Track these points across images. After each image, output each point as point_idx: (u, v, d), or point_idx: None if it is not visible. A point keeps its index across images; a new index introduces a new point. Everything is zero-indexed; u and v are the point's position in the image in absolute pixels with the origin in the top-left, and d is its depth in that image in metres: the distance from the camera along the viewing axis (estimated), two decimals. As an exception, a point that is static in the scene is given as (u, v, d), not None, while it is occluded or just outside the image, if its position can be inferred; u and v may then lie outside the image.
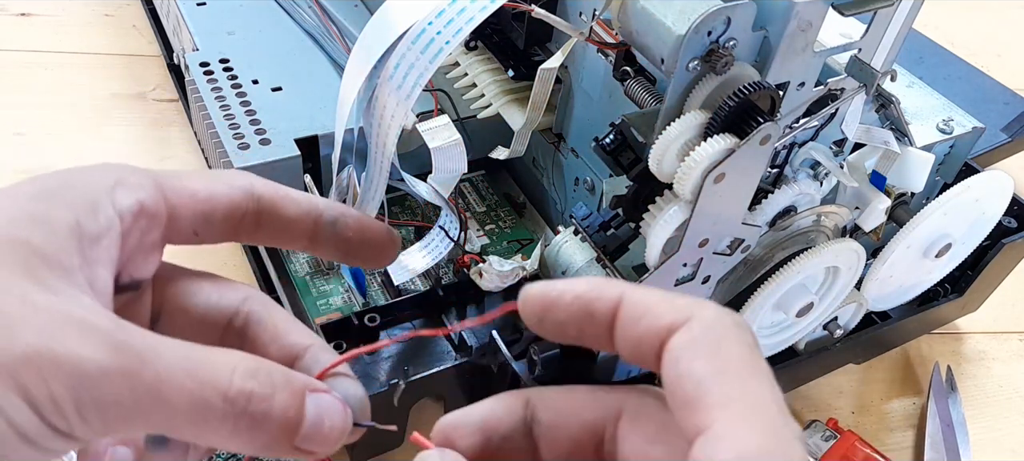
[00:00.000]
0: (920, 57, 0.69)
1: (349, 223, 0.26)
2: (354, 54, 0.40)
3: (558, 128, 0.46)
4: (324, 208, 0.25)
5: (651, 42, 0.32)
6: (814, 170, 0.39)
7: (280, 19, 0.57)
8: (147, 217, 0.22)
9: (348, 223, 0.26)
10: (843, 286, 0.43)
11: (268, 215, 0.25)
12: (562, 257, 0.41)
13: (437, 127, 0.42)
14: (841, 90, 0.36)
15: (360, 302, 0.45)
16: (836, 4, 0.32)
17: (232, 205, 0.24)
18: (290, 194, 0.25)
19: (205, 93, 0.48)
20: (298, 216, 0.25)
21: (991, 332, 0.58)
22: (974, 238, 0.47)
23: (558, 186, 0.48)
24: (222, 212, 0.24)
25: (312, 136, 0.46)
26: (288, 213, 0.25)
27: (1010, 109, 0.65)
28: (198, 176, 0.24)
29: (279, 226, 0.25)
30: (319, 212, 0.25)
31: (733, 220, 0.36)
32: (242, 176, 0.25)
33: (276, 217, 0.25)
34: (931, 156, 0.40)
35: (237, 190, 0.24)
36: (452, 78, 0.48)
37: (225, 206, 0.24)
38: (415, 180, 0.44)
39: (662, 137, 0.32)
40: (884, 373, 0.54)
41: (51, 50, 0.68)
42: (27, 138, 0.59)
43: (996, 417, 0.52)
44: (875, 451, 0.47)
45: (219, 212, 0.24)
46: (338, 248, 0.26)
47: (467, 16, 0.37)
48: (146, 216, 0.22)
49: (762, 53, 0.33)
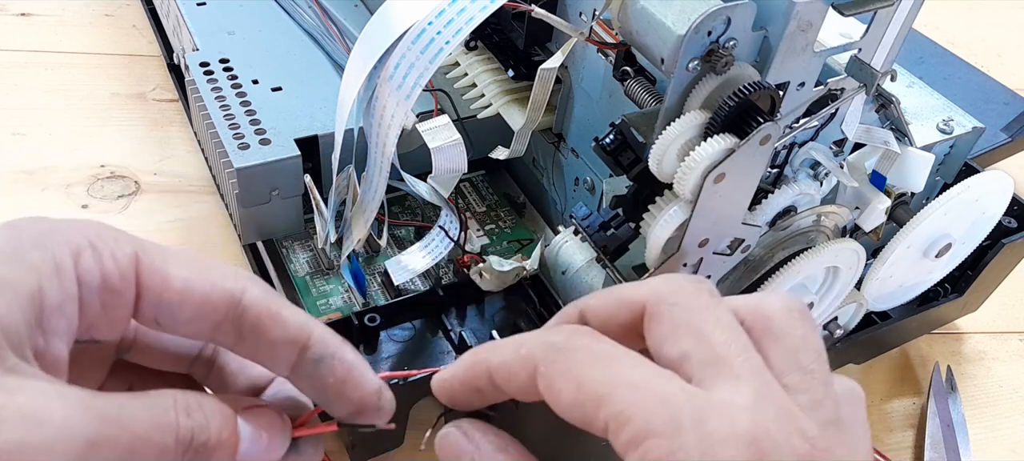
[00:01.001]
0: (920, 57, 0.69)
1: (334, 369, 0.23)
2: (354, 54, 0.40)
3: (558, 128, 0.46)
4: (315, 342, 0.22)
5: (651, 42, 0.32)
6: (814, 170, 0.39)
7: (280, 19, 0.57)
8: (111, 293, 0.21)
9: (334, 368, 0.23)
10: (843, 286, 0.43)
11: (250, 333, 0.22)
12: (562, 257, 0.41)
13: (437, 127, 0.42)
14: (841, 90, 0.36)
15: (360, 302, 0.45)
16: (836, 4, 0.32)
17: (206, 309, 0.21)
18: (281, 314, 0.22)
19: (205, 93, 0.48)
20: (283, 341, 0.22)
21: (991, 332, 0.58)
22: (974, 238, 0.47)
23: (558, 186, 0.48)
24: (190, 313, 0.21)
25: (312, 136, 0.46)
26: (272, 336, 0.22)
27: (1010, 109, 0.65)
28: (187, 261, 0.21)
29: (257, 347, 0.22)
30: (306, 345, 0.22)
31: (733, 220, 0.36)
32: (237, 278, 0.22)
33: (258, 337, 0.22)
34: (931, 156, 0.40)
35: (221, 296, 0.21)
36: (452, 78, 0.48)
37: (196, 307, 0.21)
38: (415, 180, 0.44)
39: (662, 137, 0.32)
40: (884, 373, 0.54)
41: (51, 50, 0.68)
42: (27, 138, 0.59)
43: (996, 417, 0.52)
44: (875, 451, 0.47)
45: (187, 312, 0.21)
46: (314, 390, 0.23)
47: (467, 16, 0.37)
48: (109, 292, 0.21)
49: (762, 53, 0.33)
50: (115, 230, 0.21)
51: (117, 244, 0.21)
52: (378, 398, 0.23)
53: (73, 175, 0.56)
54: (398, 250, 0.46)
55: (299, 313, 0.23)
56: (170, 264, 0.21)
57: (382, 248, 0.47)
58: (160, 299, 0.21)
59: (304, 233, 0.49)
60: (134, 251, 0.21)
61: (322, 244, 0.46)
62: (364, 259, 0.47)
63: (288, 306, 0.22)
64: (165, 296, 0.21)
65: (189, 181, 0.57)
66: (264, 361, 0.23)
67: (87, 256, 0.20)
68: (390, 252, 0.47)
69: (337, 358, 0.23)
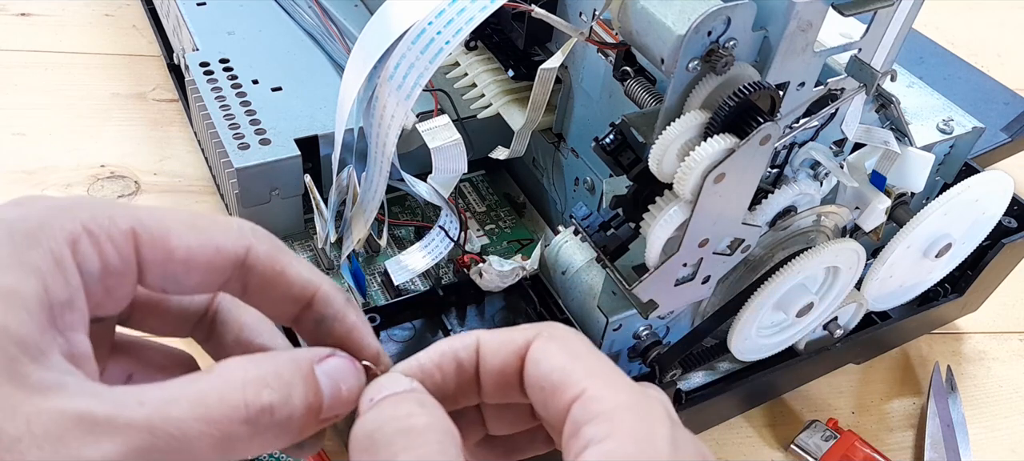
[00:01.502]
0: (920, 57, 0.69)
1: (334, 330, 0.23)
2: (354, 54, 0.41)
3: (558, 128, 0.46)
4: (318, 301, 0.23)
5: (651, 42, 0.32)
6: (814, 170, 0.39)
7: (280, 19, 0.57)
8: (113, 276, 0.20)
9: (333, 329, 0.23)
10: (843, 286, 0.43)
11: (255, 290, 0.22)
12: (562, 257, 0.41)
13: (437, 127, 0.42)
14: (841, 90, 0.36)
15: (360, 302, 0.45)
16: (836, 4, 0.32)
17: (211, 274, 0.21)
18: (286, 273, 0.22)
19: (205, 93, 0.48)
20: (286, 299, 0.22)
21: (991, 332, 0.58)
22: (974, 238, 0.47)
23: (558, 186, 0.48)
24: (196, 280, 0.21)
25: (312, 136, 0.46)
26: (276, 294, 0.22)
27: (1010, 109, 0.65)
28: (187, 226, 0.21)
29: (261, 301, 0.22)
30: (309, 302, 0.22)
31: (733, 220, 0.36)
32: (241, 234, 0.21)
33: (262, 293, 0.22)
34: (931, 156, 0.40)
35: (225, 259, 0.21)
36: (452, 78, 0.48)
37: (202, 274, 0.21)
38: (415, 180, 0.44)
39: (662, 137, 0.32)
40: (884, 373, 0.54)
41: (51, 50, 0.68)
42: (27, 138, 0.59)
43: (996, 417, 0.52)
44: (875, 451, 0.47)
45: (193, 279, 0.21)
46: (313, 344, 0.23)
47: (467, 16, 0.37)
48: (111, 275, 0.20)
49: (762, 53, 0.33)
50: (109, 205, 0.20)
51: (113, 223, 0.20)
52: (375, 363, 0.24)
53: (73, 175, 0.56)
54: (398, 250, 0.46)
55: (304, 269, 0.22)
56: (172, 233, 0.21)
57: (382, 248, 0.47)
58: (164, 270, 0.21)
59: (304, 233, 0.49)
60: (131, 227, 0.20)
61: (322, 244, 0.46)
62: (364, 259, 0.47)
63: (293, 263, 0.22)
64: (169, 267, 0.21)
65: (189, 181, 0.57)
66: (267, 312, 0.23)
67: (84, 244, 0.19)
68: (390, 252, 0.47)
69: (338, 319, 0.23)
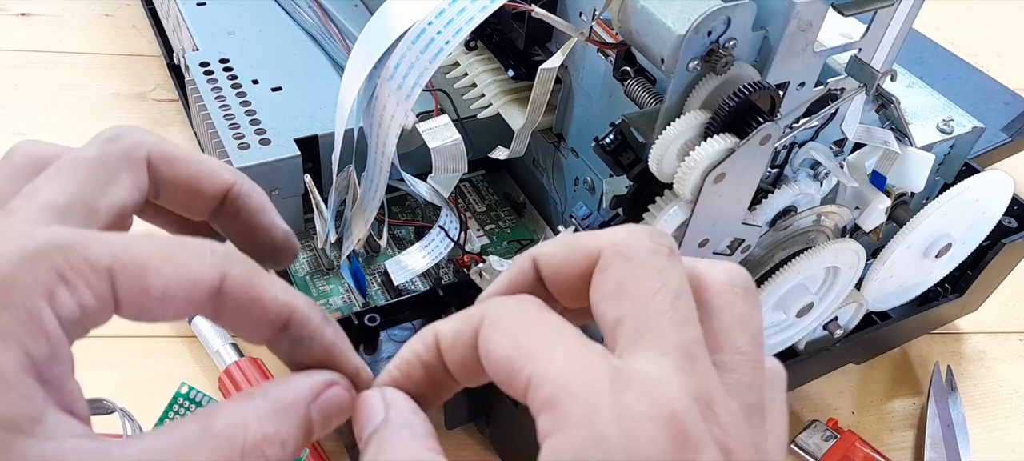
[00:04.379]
0: (920, 57, 0.69)
1: (312, 350, 0.23)
2: (354, 54, 0.41)
3: (558, 128, 0.46)
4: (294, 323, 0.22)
5: (651, 42, 0.32)
6: (814, 170, 0.39)
7: (280, 19, 0.57)
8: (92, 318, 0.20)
9: (311, 349, 0.23)
10: (843, 286, 0.43)
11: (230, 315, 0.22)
12: (562, 257, 0.41)
13: (437, 127, 0.42)
14: (841, 90, 0.36)
15: (360, 302, 0.45)
16: (836, 4, 0.32)
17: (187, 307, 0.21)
18: (262, 298, 0.21)
19: (205, 93, 0.48)
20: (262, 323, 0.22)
21: (991, 332, 0.58)
22: (974, 238, 0.47)
23: (558, 186, 0.48)
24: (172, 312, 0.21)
25: (312, 136, 0.46)
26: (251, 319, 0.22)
27: (1010, 109, 0.65)
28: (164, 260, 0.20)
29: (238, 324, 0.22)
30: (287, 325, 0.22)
31: (733, 220, 0.36)
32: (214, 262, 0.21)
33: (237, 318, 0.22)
34: (931, 156, 0.40)
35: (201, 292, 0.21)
36: (452, 78, 0.48)
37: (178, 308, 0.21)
38: (415, 180, 0.44)
39: (662, 137, 0.32)
40: (884, 373, 0.54)
41: (51, 50, 0.68)
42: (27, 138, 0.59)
43: (996, 417, 0.52)
44: (875, 451, 0.47)
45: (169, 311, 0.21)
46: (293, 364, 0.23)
47: (467, 16, 0.37)
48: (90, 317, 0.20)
49: (762, 53, 0.33)
50: (83, 241, 0.19)
51: (89, 266, 0.19)
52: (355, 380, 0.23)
53: (73, 175, 0.56)
54: (398, 250, 0.46)
55: (280, 292, 0.22)
56: (149, 270, 0.20)
57: (382, 248, 0.47)
58: (140, 306, 0.20)
59: (304, 233, 0.49)
60: (107, 266, 0.19)
61: (322, 244, 0.46)
62: (364, 259, 0.47)
63: (269, 286, 0.22)
64: (145, 305, 0.20)
65: (189, 181, 0.57)
66: (243, 335, 0.22)
67: (61, 293, 0.19)
68: (390, 252, 0.47)
69: (315, 339, 0.23)
